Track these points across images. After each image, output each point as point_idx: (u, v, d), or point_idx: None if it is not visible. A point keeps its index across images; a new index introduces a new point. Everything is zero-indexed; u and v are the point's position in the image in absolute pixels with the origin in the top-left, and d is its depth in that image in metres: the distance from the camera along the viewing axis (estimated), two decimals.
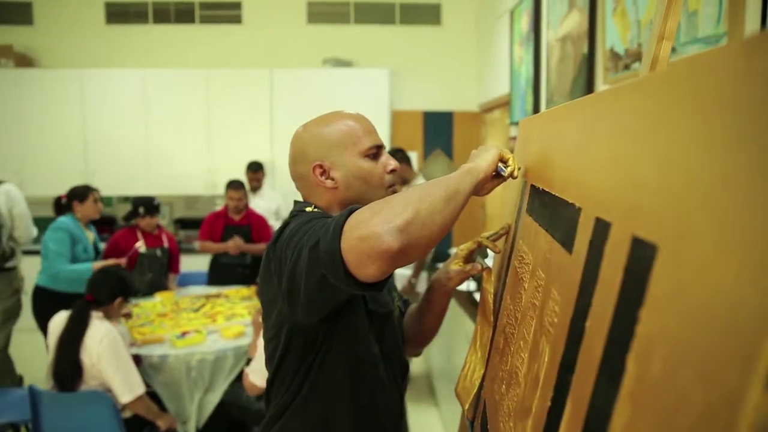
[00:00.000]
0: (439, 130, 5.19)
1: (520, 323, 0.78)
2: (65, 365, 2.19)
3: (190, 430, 2.52)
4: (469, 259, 1.11)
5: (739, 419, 0.24)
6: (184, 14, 5.08)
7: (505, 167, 0.96)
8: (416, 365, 3.91)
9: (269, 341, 1.02)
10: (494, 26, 4.32)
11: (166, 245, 3.53)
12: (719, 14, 1.58)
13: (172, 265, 3.63)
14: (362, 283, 0.75)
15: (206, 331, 2.71)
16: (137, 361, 2.38)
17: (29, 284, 3.31)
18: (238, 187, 3.73)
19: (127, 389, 2.19)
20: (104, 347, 2.17)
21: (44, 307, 2.54)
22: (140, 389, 2.23)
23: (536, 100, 3.22)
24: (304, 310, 0.86)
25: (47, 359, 2.31)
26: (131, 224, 3.43)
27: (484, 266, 1.08)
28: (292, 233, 0.88)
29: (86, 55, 5.05)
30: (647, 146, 0.42)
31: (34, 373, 3.56)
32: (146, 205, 3.37)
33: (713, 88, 0.34)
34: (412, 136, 5.17)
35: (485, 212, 4.70)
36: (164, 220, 4.66)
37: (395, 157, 2.81)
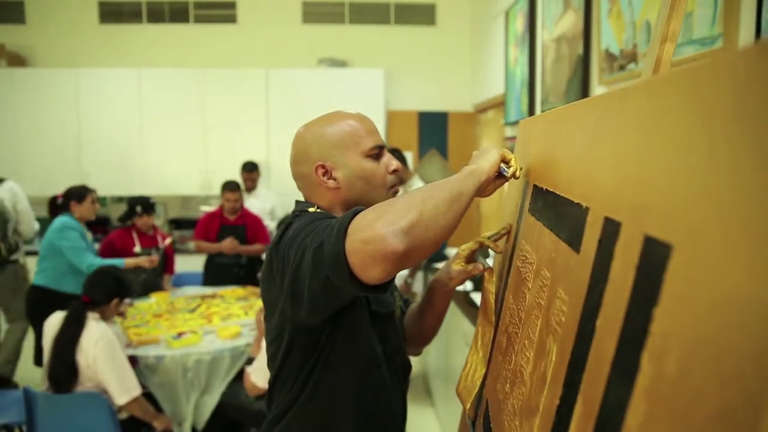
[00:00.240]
0: (433, 130, 5.19)
1: (524, 322, 0.78)
2: (61, 367, 2.18)
3: (186, 431, 2.51)
4: (470, 259, 1.11)
5: (763, 417, 0.24)
6: (178, 14, 5.05)
7: (507, 167, 0.96)
8: (412, 365, 3.91)
9: (272, 342, 1.02)
10: (489, 26, 4.33)
11: (161, 245, 3.51)
12: (714, 15, 1.60)
13: (167, 265, 3.62)
14: (366, 285, 0.75)
15: (202, 331, 2.70)
16: (133, 362, 2.37)
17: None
18: (234, 188, 3.73)
19: (123, 391, 2.18)
20: (100, 348, 2.16)
21: (41, 307, 2.54)
22: (136, 391, 2.22)
23: (531, 100, 3.23)
24: (307, 310, 0.86)
25: (29, 359, 2.30)
26: (127, 224, 3.41)
27: (486, 266, 1.08)
28: (295, 234, 0.88)
29: (80, 54, 5.02)
30: (658, 147, 0.42)
31: (21, 372, 3.56)
32: (144, 203, 3.37)
33: (725, 90, 0.34)
34: (407, 136, 5.18)
35: (480, 212, 4.71)
36: (159, 220, 4.64)
37: None
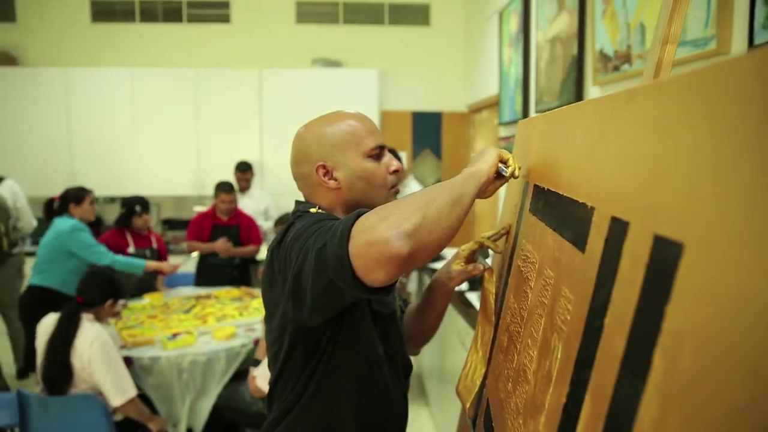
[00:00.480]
0: (428, 130, 5.21)
1: (526, 321, 0.79)
2: (54, 368, 2.16)
3: None
4: (470, 259, 1.12)
5: None
6: (171, 13, 5.03)
7: (505, 168, 0.97)
8: None
9: (273, 342, 1.01)
10: (483, 27, 4.35)
11: (155, 246, 3.50)
12: (708, 17, 1.61)
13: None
14: (370, 287, 0.75)
15: (197, 332, 2.69)
16: (128, 363, 2.36)
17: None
18: (229, 189, 3.71)
19: (118, 392, 2.17)
20: (95, 350, 2.15)
21: (42, 308, 2.52)
22: (132, 392, 2.21)
23: (525, 100, 3.25)
24: (309, 312, 0.86)
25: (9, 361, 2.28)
26: (120, 225, 3.39)
27: (486, 266, 1.09)
28: (297, 235, 0.87)
29: (71, 53, 4.98)
30: (667, 148, 0.43)
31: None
32: (141, 202, 3.36)
33: (737, 91, 0.35)
34: (401, 136, 5.18)
35: (474, 213, 4.73)
36: (152, 220, 4.61)
37: None
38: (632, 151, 0.50)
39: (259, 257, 3.90)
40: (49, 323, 2.27)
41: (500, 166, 0.96)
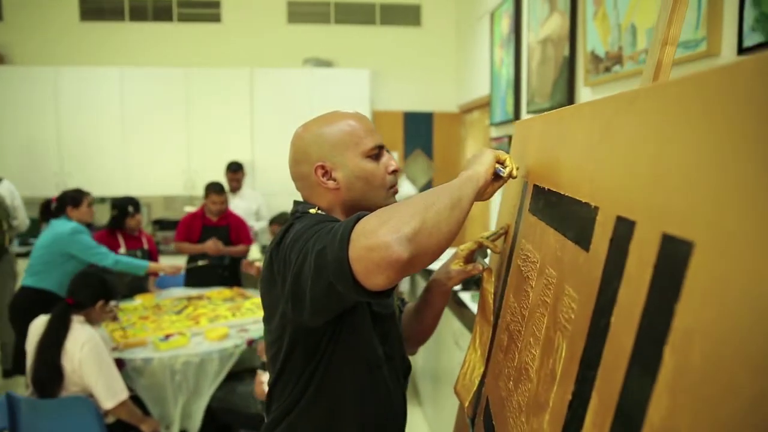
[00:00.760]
0: (419, 130, 5.22)
1: (528, 320, 0.79)
2: (45, 370, 2.14)
3: None
4: (469, 259, 1.12)
5: None
6: (161, 12, 4.99)
7: (502, 168, 0.97)
8: None
9: (272, 343, 1.01)
10: (474, 28, 4.36)
11: (146, 247, 3.47)
12: (698, 19, 1.63)
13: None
14: (370, 291, 0.75)
15: (190, 333, 2.68)
16: (120, 364, 2.34)
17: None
18: (220, 191, 3.68)
19: (110, 395, 2.15)
20: (86, 352, 2.13)
21: (30, 308, 2.50)
22: (123, 394, 2.19)
23: (517, 101, 3.27)
24: (309, 313, 0.86)
25: None
26: (113, 226, 3.36)
27: (485, 266, 1.09)
28: (296, 236, 0.87)
29: (60, 52, 4.92)
30: (674, 148, 0.44)
31: None
32: (133, 203, 3.34)
33: (746, 92, 0.36)
34: (392, 136, 5.19)
35: None
36: (143, 221, 4.58)
37: None
38: (637, 151, 0.51)
39: (249, 257, 3.89)
40: (40, 325, 2.24)
41: (497, 167, 0.96)
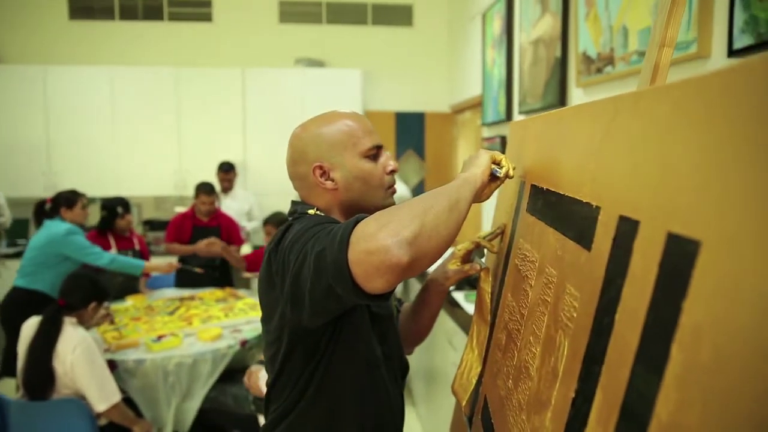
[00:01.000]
0: (411, 130, 5.23)
1: (527, 319, 0.80)
2: (36, 373, 2.12)
3: None
4: (466, 258, 1.13)
5: None
6: (152, 11, 4.95)
7: (499, 169, 0.97)
8: None
9: (271, 344, 1.01)
10: (466, 28, 4.38)
11: (137, 247, 3.45)
12: (689, 21, 1.65)
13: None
14: (369, 294, 0.75)
15: (182, 334, 2.66)
16: (112, 366, 2.32)
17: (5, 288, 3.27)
18: (210, 191, 3.66)
19: (102, 398, 2.13)
20: (78, 355, 2.11)
21: (22, 310, 2.47)
22: (116, 397, 2.18)
23: (509, 101, 3.29)
24: (309, 314, 0.86)
25: None
26: (102, 227, 3.33)
27: (482, 266, 1.10)
28: (296, 237, 0.87)
29: (49, 51, 4.87)
30: (677, 149, 0.44)
31: None
32: (122, 203, 3.32)
33: (748, 94, 0.36)
34: (384, 136, 5.20)
35: None
36: (133, 221, 4.54)
37: None
38: (641, 152, 0.51)
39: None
40: (32, 326, 2.22)
41: (494, 167, 0.96)
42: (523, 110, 3.03)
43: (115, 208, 3.29)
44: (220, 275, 3.75)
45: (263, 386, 2.19)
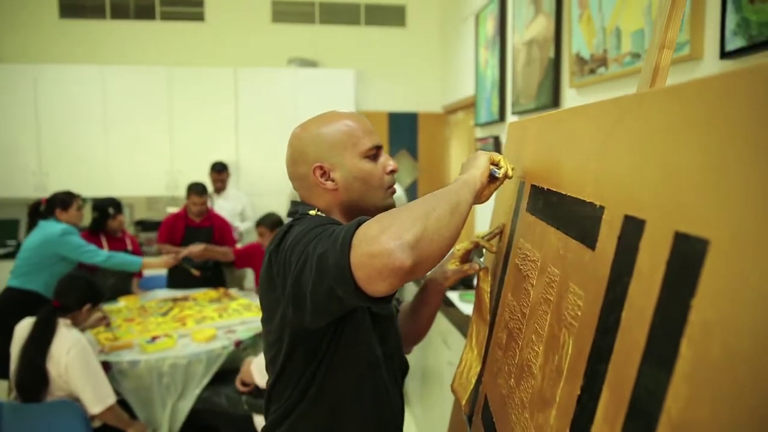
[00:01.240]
0: (403, 130, 5.24)
1: (529, 318, 0.81)
2: (29, 375, 2.10)
3: None
4: (465, 258, 1.13)
5: None
6: (143, 10, 4.92)
7: (497, 169, 0.98)
8: None
9: (272, 344, 1.01)
10: (459, 29, 4.39)
11: (129, 248, 3.43)
12: (681, 23, 1.67)
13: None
14: (371, 296, 0.75)
15: (177, 335, 2.65)
16: (106, 367, 2.30)
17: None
18: (201, 191, 3.64)
19: (97, 400, 2.12)
20: (73, 357, 2.09)
21: (14, 310, 2.45)
22: (111, 399, 2.16)
23: (502, 102, 3.30)
24: (310, 315, 0.86)
25: None
26: (94, 228, 3.31)
27: (482, 266, 1.11)
28: (297, 239, 0.87)
29: (39, 49, 4.82)
30: (683, 149, 0.45)
31: None
32: (113, 204, 3.30)
33: (752, 94, 0.37)
34: None
35: None
36: (126, 222, 4.51)
37: None
38: (646, 152, 0.52)
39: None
40: (25, 327, 2.20)
41: (492, 168, 0.97)
42: (516, 111, 3.04)
43: (106, 208, 3.27)
44: (212, 275, 3.74)
45: (254, 372, 2.19)
